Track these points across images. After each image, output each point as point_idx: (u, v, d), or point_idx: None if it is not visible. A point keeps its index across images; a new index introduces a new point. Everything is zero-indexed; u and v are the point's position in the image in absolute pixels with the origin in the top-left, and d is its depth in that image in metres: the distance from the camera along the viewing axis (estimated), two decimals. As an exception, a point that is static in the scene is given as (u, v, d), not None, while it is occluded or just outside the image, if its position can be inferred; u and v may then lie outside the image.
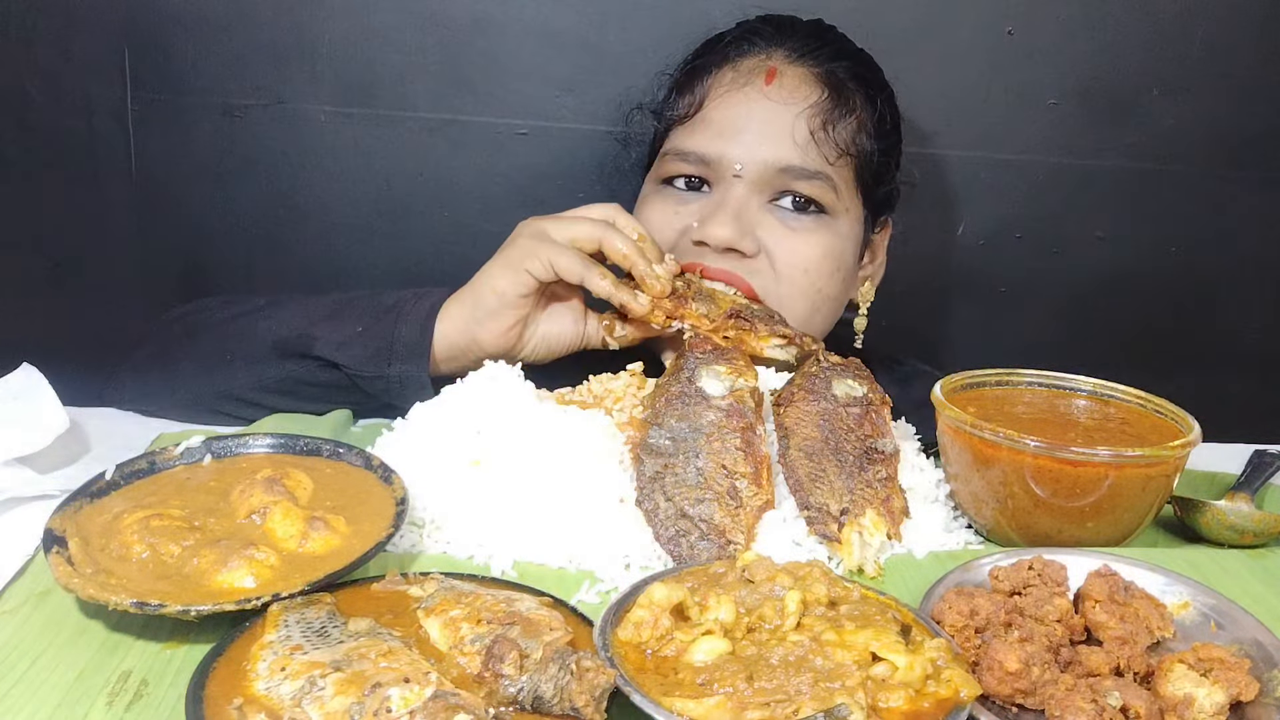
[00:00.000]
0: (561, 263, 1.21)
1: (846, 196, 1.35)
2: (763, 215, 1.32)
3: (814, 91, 1.34)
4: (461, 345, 1.24)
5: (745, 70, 1.36)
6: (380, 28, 1.60)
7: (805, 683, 0.72)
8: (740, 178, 1.31)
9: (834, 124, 1.33)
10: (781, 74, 1.34)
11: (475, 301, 1.23)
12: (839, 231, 1.35)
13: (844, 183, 1.35)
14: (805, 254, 1.32)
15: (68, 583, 0.81)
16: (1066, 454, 1.01)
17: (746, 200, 1.31)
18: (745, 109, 1.33)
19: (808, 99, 1.33)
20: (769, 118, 1.32)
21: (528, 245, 1.22)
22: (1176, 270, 1.81)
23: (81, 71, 1.58)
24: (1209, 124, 1.73)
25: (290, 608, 0.80)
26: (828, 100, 1.33)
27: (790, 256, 1.31)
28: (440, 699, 0.68)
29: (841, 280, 1.37)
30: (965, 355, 1.36)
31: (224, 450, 1.03)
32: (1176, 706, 0.77)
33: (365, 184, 1.66)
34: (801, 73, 1.35)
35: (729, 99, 1.34)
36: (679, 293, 1.24)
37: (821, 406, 1.11)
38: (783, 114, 1.32)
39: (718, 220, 1.29)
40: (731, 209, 1.30)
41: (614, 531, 0.99)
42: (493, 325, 1.22)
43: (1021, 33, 1.66)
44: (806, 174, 1.31)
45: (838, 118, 1.33)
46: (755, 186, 1.31)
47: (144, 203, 1.64)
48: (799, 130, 1.31)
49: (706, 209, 1.32)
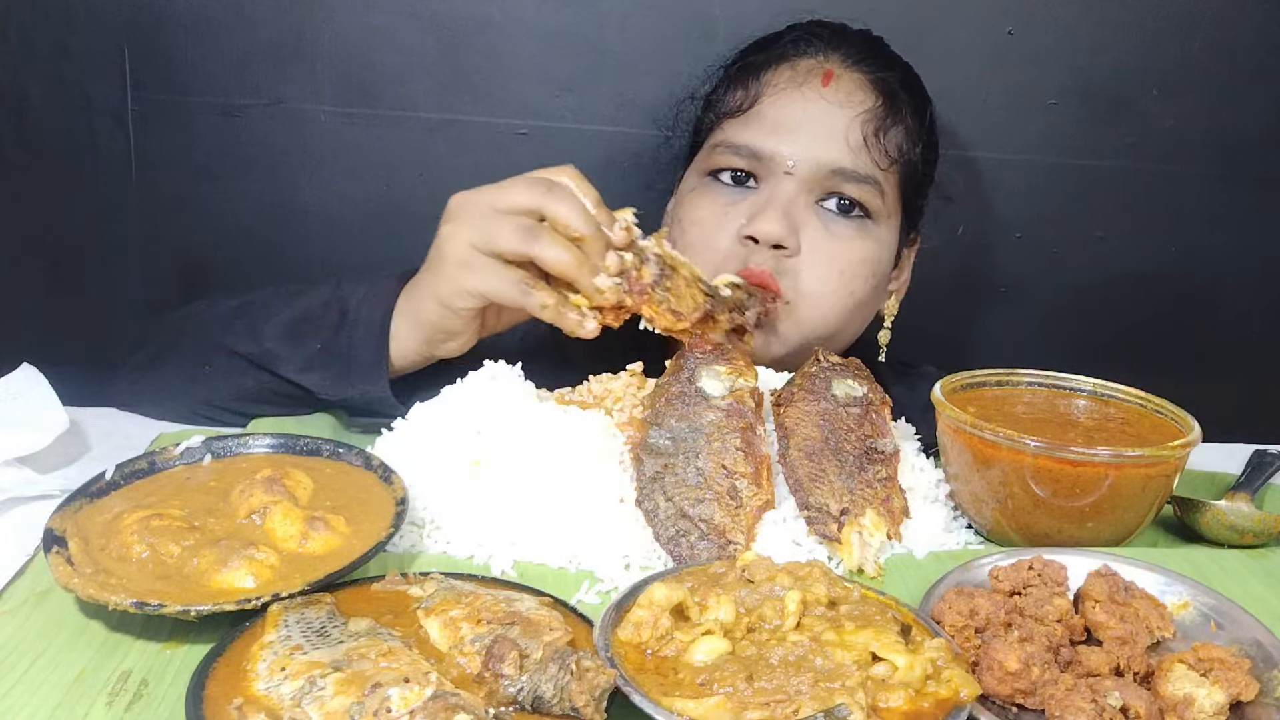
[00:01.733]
0: (490, 287, 1.10)
1: (890, 204, 1.36)
2: (808, 215, 1.32)
3: (869, 97, 1.35)
4: (418, 361, 1.22)
5: (803, 70, 1.36)
6: (380, 28, 1.60)
7: (805, 683, 0.72)
8: (791, 175, 1.31)
9: (886, 131, 1.34)
10: (838, 77, 1.35)
11: (419, 323, 1.17)
12: (879, 238, 1.36)
13: (890, 190, 1.36)
14: (844, 256, 1.32)
15: (68, 583, 0.81)
16: (1066, 454, 1.01)
17: (795, 198, 1.31)
18: (801, 107, 1.33)
19: (863, 104, 1.34)
20: (824, 118, 1.32)
21: (452, 273, 1.12)
22: (1176, 270, 1.81)
23: (81, 71, 1.58)
24: (1209, 124, 1.73)
25: (290, 608, 0.80)
26: (882, 107, 1.34)
27: (828, 258, 1.31)
28: (440, 699, 0.68)
29: (874, 287, 1.37)
30: (965, 355, 1.36)
31: (224, 450, 1.03)
32: (1176, 706, 0.77)
33: (365, 184, 1.66)
34: (857, 78, 1.36)
35: (785, 96, 1.34)
36: (634, 279, 1.13)
37: (821, 406, 1.11)
38: (838, 116, 1.32)
39: (768, 216, 1.29)
40: (781, 205, 1.30)
41: (614, 531, 0.99)
42: (447, 346, 1.19)
43: (1021, 33, 1.66)
44: (858, 177, 1.31)
45: (890, 125, 1.34)
46: (805, 185, 1.32)
47: (144, 203, 1.64)
48: (853, 133, 1.32)
49: (756, 205, 1.32)
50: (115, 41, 1.57)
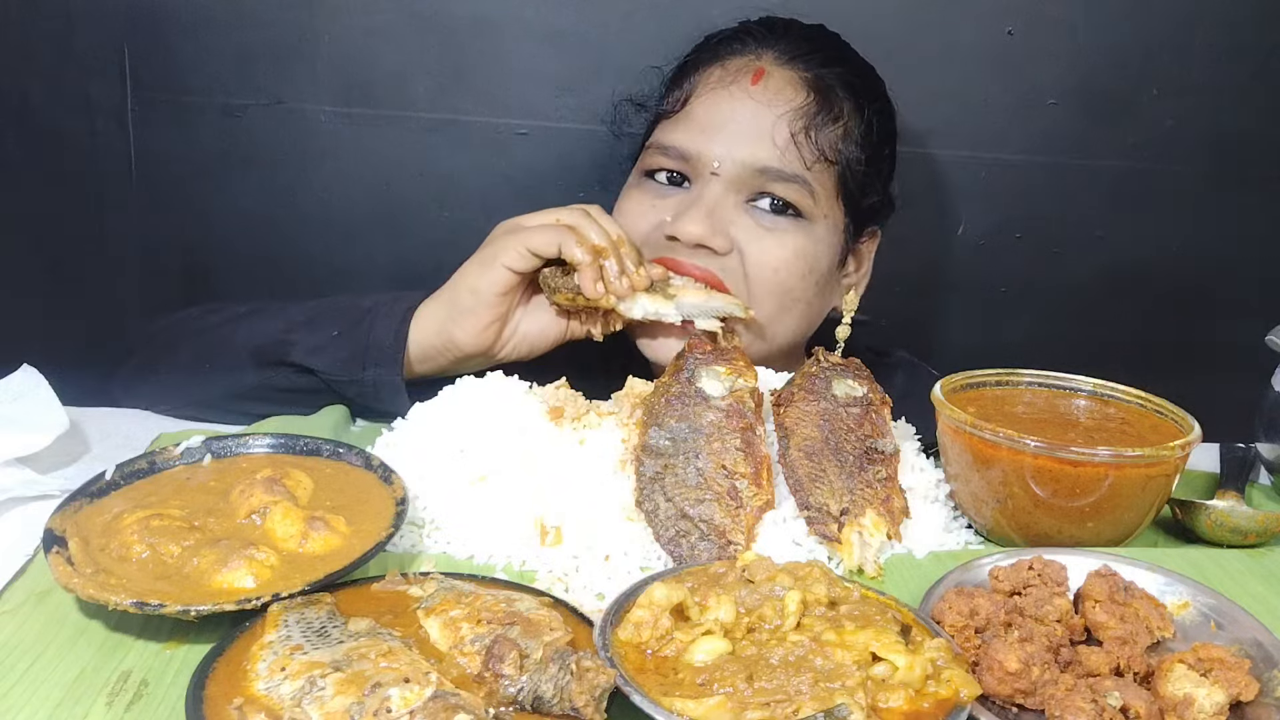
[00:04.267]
0: (536, 241, 1.20)
1: (825, 203, 1.34)
2: (738, 214, 1.32)
3: (799, 95, 1.33)
4: (437, 346, 1.23)
5: (733, 69, 1.36)
6: (380, 28, 1.60)
7: (805, 683, 0.72)
8: (718, 175, 1.31)
9: (816, 129, 1.32)
10: (769, 75, 1.34)
11: (452, 300, 1.23)
12: (814, 236, 1.34)
13: (823, 189, 1.34)
14: (776, 254, 1.31)
15: (68, 583, 0.81)
16: (1066, 454, 1.01)
17: (722, 198, 1.31)
18: (729, 107, 1.33)
19: (791, 101, 1.33)
20: (751, 117, 1.32)
21: (503, 240, 1.22)
22: (1176, 270, 1.81)
23: (81, 71, 1.58)
24: (1209, 124, 1.73)
25: (290, 608, 0.80)
26: (812, 104, 1.33)
27: (761, 255, 1.31)
28: (440, 699, 0.68)
29: (815, 284, 1.36)
30: (965, 355, 1.36)
31: (224, 450, 1.03)
32: (1176, 706, 0.77)
33: (365, 184, 1.66)
34: (789, 75, 1.35)
35: (714, 96, 1.34)
36: None
37: (821, 406, 1.11)
38: (765, 115, 1.32)
39: (690, 217, 1.29)
40: (705, 206, 1.30)
41: (614, 531, 0.99)
42: (468, 324, 1.22)
43: (1021, 33, 1.66)
44: (784, 176, 1.31)
45: (821, 123, 1.33)
46: (732, 185, 1.31)
47: (144, 203, 1.64)
48: (780, 132, 1.31)
49: (683, 204, 1.32)
50: (115, 41, 1.57)
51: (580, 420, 1.10)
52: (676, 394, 1.09)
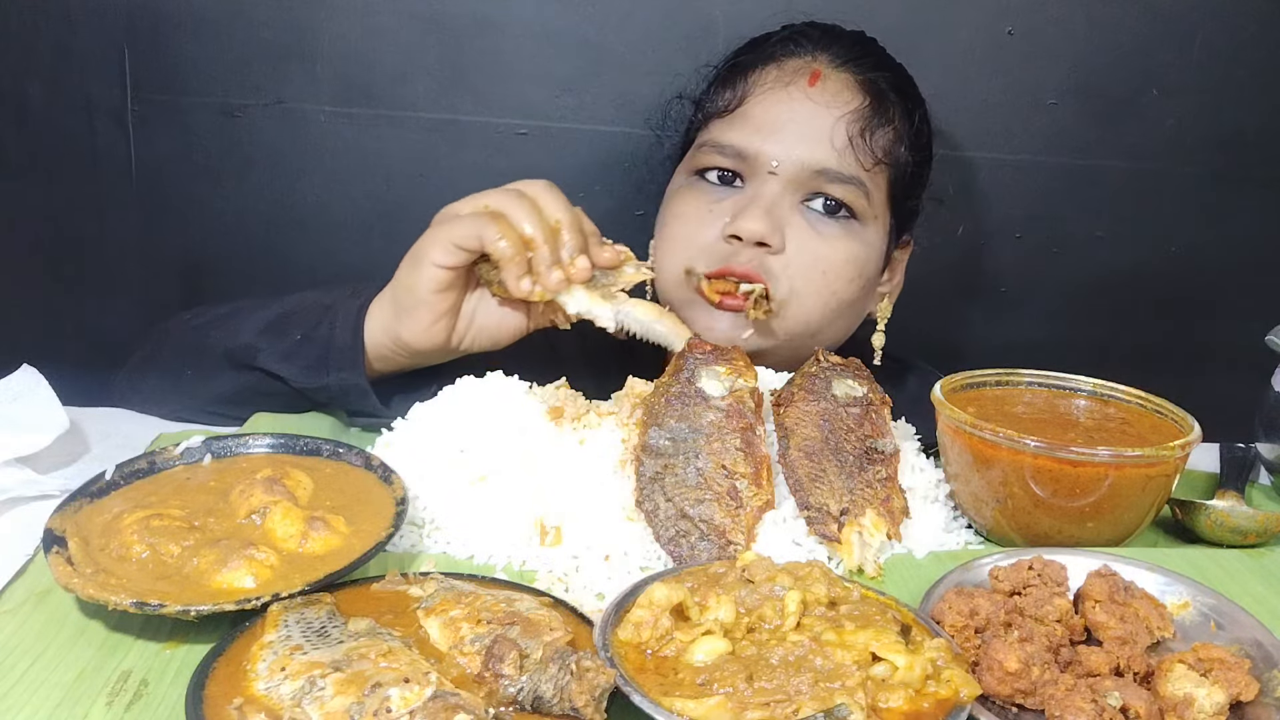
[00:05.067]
0: (457, 234, 1.13)
1: (877, 205, 1.35)
2: (793, 215, 1.32)
3: (856, 97, 1.34)
4: (389, 345, 1.20)
5: (790, 70, 1.36)
6: (380, 28, 1.60)
7: (805, 683, 0.72)
8: (775, 175, 1.31)
9: (873, 131, 1.33)
10: (825, 77, 1.34)
11: (394, 300, 1.19)
12: (865, 239, 1.35)
13: (877, 191, 1.35)
14: (828, 257, 1.32)
15: (68, 583, 0.81)
16: (1066, 454, 1.01)
17: (780, 198, 1.31)
18: (787, 107, 1.33)
19: (849, 104, 1.33)
20: (809, 118, 1.32)
21: (431, 233, 1.16)
22: (1176, 270, 1.81)
23: (81, 71, 1.58)
24: (1209, 124, 1.73)
25: (290, 608, 0.80)
26: (869, 108, 1.34)
27: (812, 258, 1.31)
28: (440, 699, 0.68)
29: (860, 288, 1.37)
30: (965, 355, 1.36)
31: (224, 450, 1.03)
32: (1176, 706, 0.77)
33: (365, 184, 1.66)
34: (845, 78, 1.35)
35: (771, 96, 1.34)
36: None
37: (821, 406, 1.11)
38: (823, 116, 1.32)
39: (751, 214, 1.29)
40: (765, 204, 1.30)
41: (614, 531, 0.99)
42: (412, 324, 1.17)
43: (1021, 33, 1.66)
44: (842, 178, 1.31)
45: (877, 126, 1.33)
46: (790, 185, 1.31)
47: (144, 203, 1.64)
48: (838, 134, 1.31)
49: (740, 204, 1.32)
50: (115, 41, 1.57)
51: (580, 420, 1.10)
52: (676, 394, 1.09)
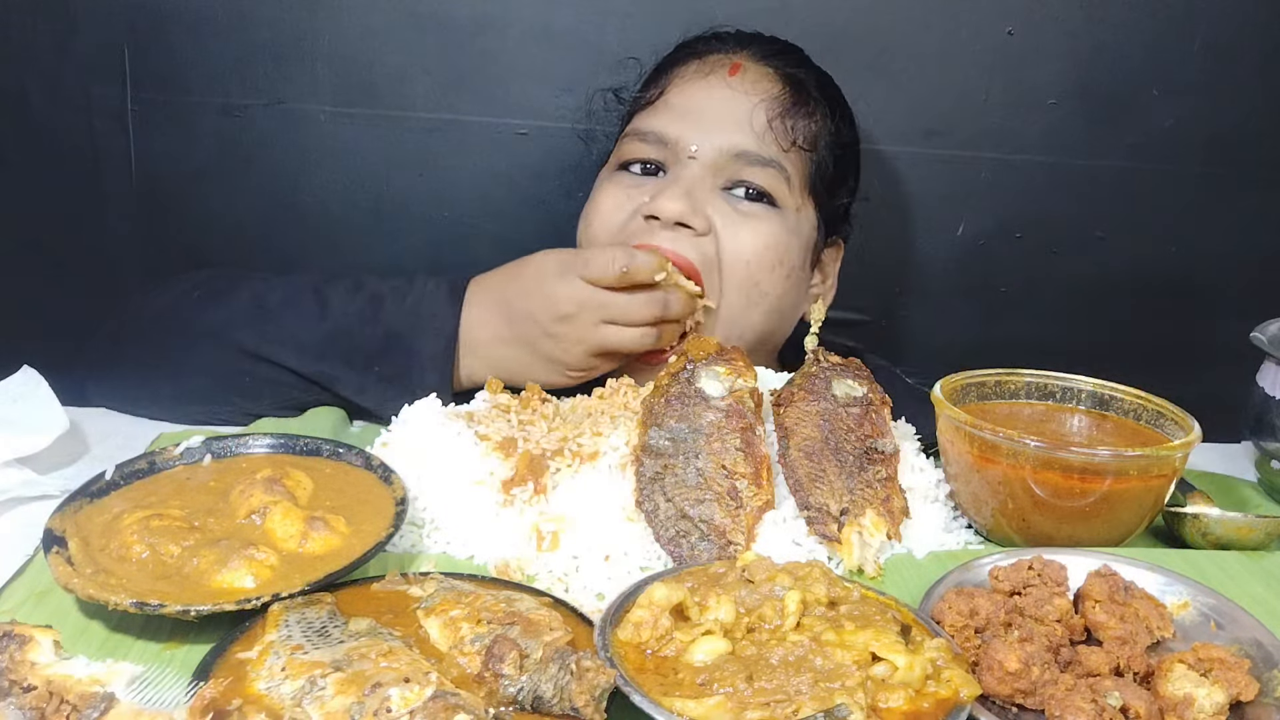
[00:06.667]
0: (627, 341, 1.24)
1: (798, 192, 1.36)
2: (714, 198, 1.33)
3: (775, 86, 1.37)
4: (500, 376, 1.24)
5: (711, 63, 1.40)
6: (380, 28, 1.60)
7: (805, 683, 0.72)
8: (695, 159, 1.33)
9: (792, 117, 1.35)
10: (745, 69, 1.38)
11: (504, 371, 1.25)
12: (787, 225, 1.35)
13: (797, 176, 1.36)
14: (749, 243, 1.32)
15: (67, 583, 0.81)
16: (1066, 454, 1.01)
17: (700, 181, 1.33)
18: (706, 95, 1.36)
19: (768, 91, 1.36)
20: (729, 104, 1.35)
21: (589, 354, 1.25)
22: (1176, 270, 1.81)
23: (81, 71, 1.58)
24: (1209, 124, 1.73)
25: (290, 608, 0.80)
26: (788, 95, 1.37)
27: (733, 243, 1.32)
28: (440, 699, 0.68)
29: (784, 279, 1.36)
30: (965, 355, 1.36)
31: (224, 450, 1.03)
32: (1176, 706, 0.77)
33: (365, 184, 1.66)
34: (765, 70, 1.39)
35: (692, 85, 1.38)
36: None
37: (821, 406, 1.11)
38: (742, 101, 1.35)
39: (670, 194, 1.30)
40: (684, 186, 1.31)
41: (614, 531, 0.99)
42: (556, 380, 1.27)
43: (1021, 33, 1.66)
44: (760, 160, 1.33)
45: (796, 113, 1.36)
46: (709, 169, 1.33)
47: (144, 203, 1.64)
48: (757, 118, 1.34)
49: (659, 188, 1.33)
50: (115, 41, 1.57)
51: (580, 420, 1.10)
52: (676, 394, 1.09)
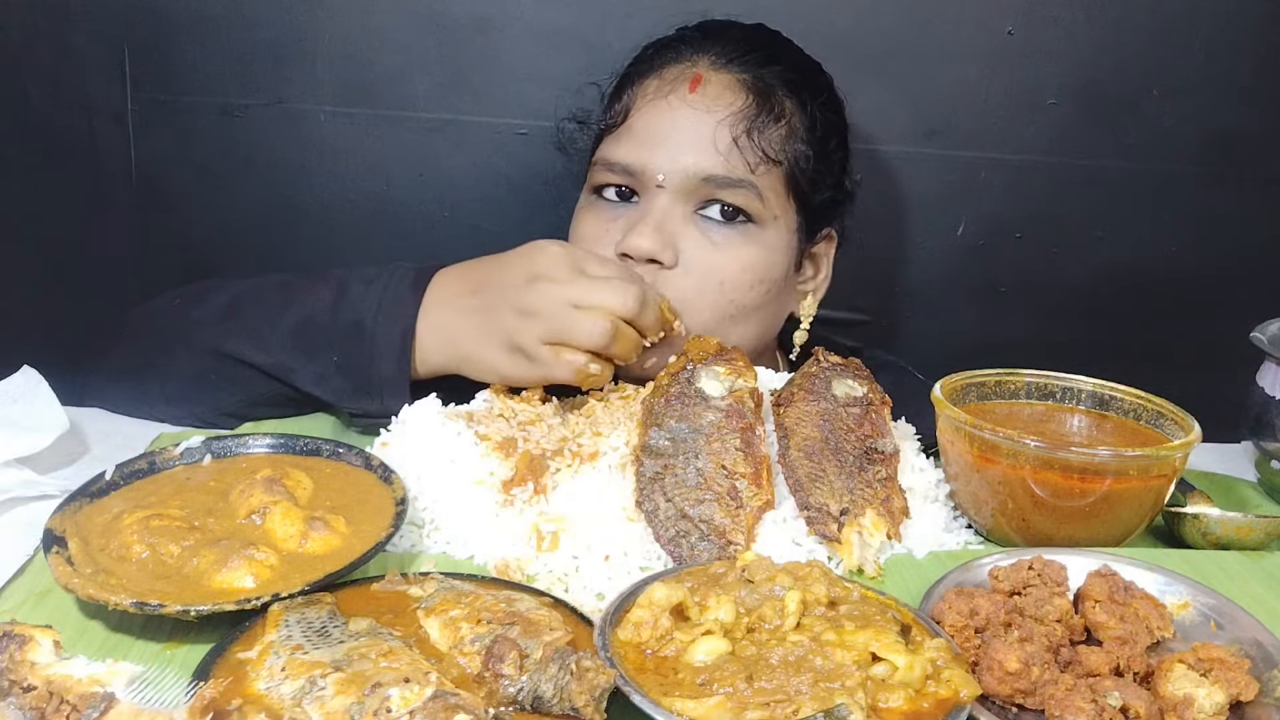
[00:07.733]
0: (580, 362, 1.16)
1: (775, 204, 1.32)
2: (687, 226, 1.30)
3: (738, 98, 1.31)
4: (452, 369, 1.22)
5: (669, 78, 1.34)
6: (380, 28, 1.60)
7: (805, 683, 0.72)
8: (663, 188, 1.29)
9: (759, 130, 1.30)
10: (706, 81, 1.32)
11: (457, 356, 1.20)
12: (765, 242, 1.32)
13: (772, 191, 1.32)
14: (724, 267, 1.29)
15: (67, 583, 0.81)
16: (1066, 454, 1.01)
17: (670, 210, 1.29)
18: (669, 118, 1.31)
19: (731, 105, 1.31)
20: (691, 126, 1.29)
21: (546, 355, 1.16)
22: (1176, 270, 1.81)
23: (81, 71, 1.58)
24: (1209, 124, 1.73)
25: (290, 608, 0.80)
26: (752, 106, 1.31)
27: (707, 269, 1.29)
28: (440, 699, 0.68)
29: (765, 292, 1.33)
30: (965, 355, 1.36)
31: (224, 450, 1.03)
32: (1176, 706, 0.77)
33: (365, 184, 1.66)
34: (727, 79, 1.33)
35: (652, 108, 1.32)
36: None
37: (821, 406, 1.11)
38: (705, 121, 1.29)
39: (639, 231, 1.27)
40: (654, 220, 1.28)
41: (614, 531, 0.99)
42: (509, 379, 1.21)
43: (1021, 33, 1.66)
44: (730, 182, 1.28)
45: (763, 124, 1.31)
46: (679, 196, 1.29)
47: (144, 203, 1.64)
48: (721, 137, 1.29)
49: (632, 220, 1.30)
50: (115, 41, 1.57)
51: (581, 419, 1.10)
52: (676, 394, 1.09)
